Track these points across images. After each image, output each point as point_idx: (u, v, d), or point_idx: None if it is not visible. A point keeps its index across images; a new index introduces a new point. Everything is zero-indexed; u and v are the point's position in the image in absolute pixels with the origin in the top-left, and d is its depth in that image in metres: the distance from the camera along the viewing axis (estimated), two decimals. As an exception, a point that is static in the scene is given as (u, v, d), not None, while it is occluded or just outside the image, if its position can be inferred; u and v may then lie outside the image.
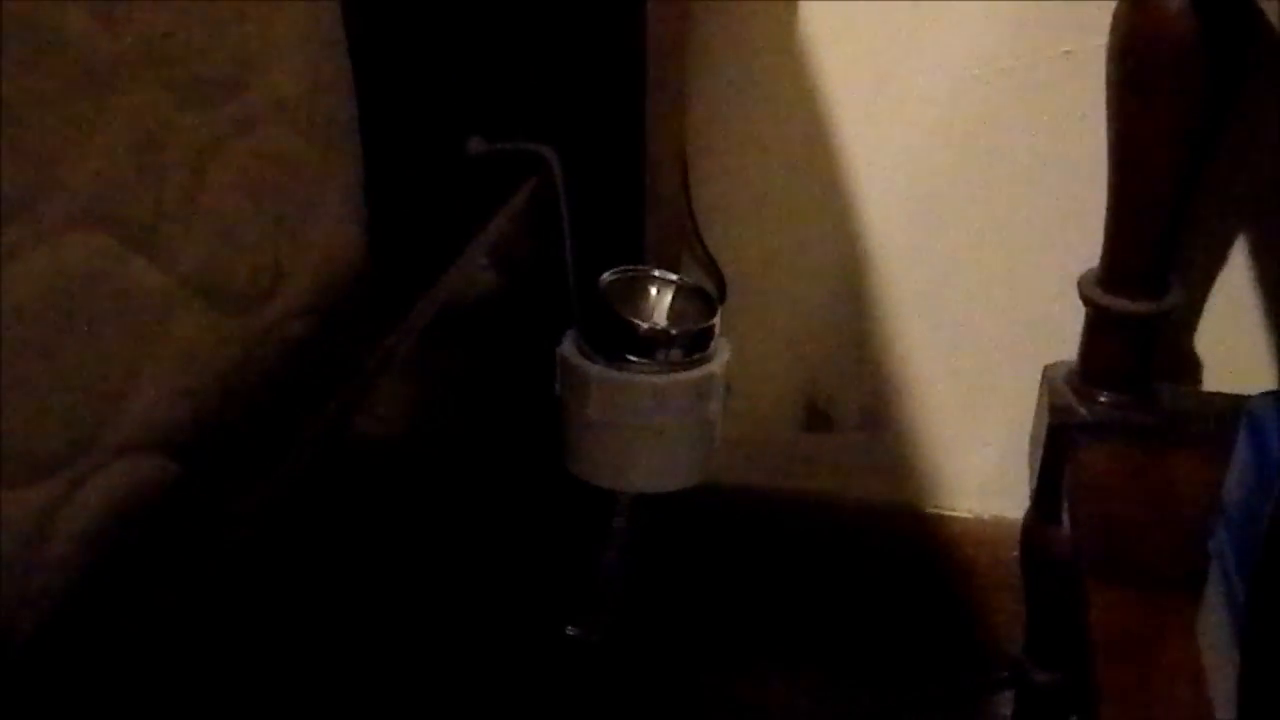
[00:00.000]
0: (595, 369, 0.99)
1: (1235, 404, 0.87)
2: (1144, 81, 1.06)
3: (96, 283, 0.62)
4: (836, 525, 1.40)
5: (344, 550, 0.77)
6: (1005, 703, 1.36)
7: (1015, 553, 1.31)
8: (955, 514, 1.38)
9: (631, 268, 1.03)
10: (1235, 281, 1.23)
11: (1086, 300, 1.16)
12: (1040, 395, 1.23)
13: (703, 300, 1.03)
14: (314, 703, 0.77)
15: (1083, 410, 1.17)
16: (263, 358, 0.74)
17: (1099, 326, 1.17)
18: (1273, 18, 0.81)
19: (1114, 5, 1.07)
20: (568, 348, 1.01)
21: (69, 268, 0.60)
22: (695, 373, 1.00)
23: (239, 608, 0.66)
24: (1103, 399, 1.17)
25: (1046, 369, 1.23)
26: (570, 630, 1.11)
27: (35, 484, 0.59)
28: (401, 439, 0.86)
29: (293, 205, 0.77)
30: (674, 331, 1.00)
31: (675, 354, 0.99)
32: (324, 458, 0.72)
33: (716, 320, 1.02)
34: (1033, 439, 1.25)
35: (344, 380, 0.74)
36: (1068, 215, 1.22)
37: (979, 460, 1.36)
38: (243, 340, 0.72)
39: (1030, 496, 1.25)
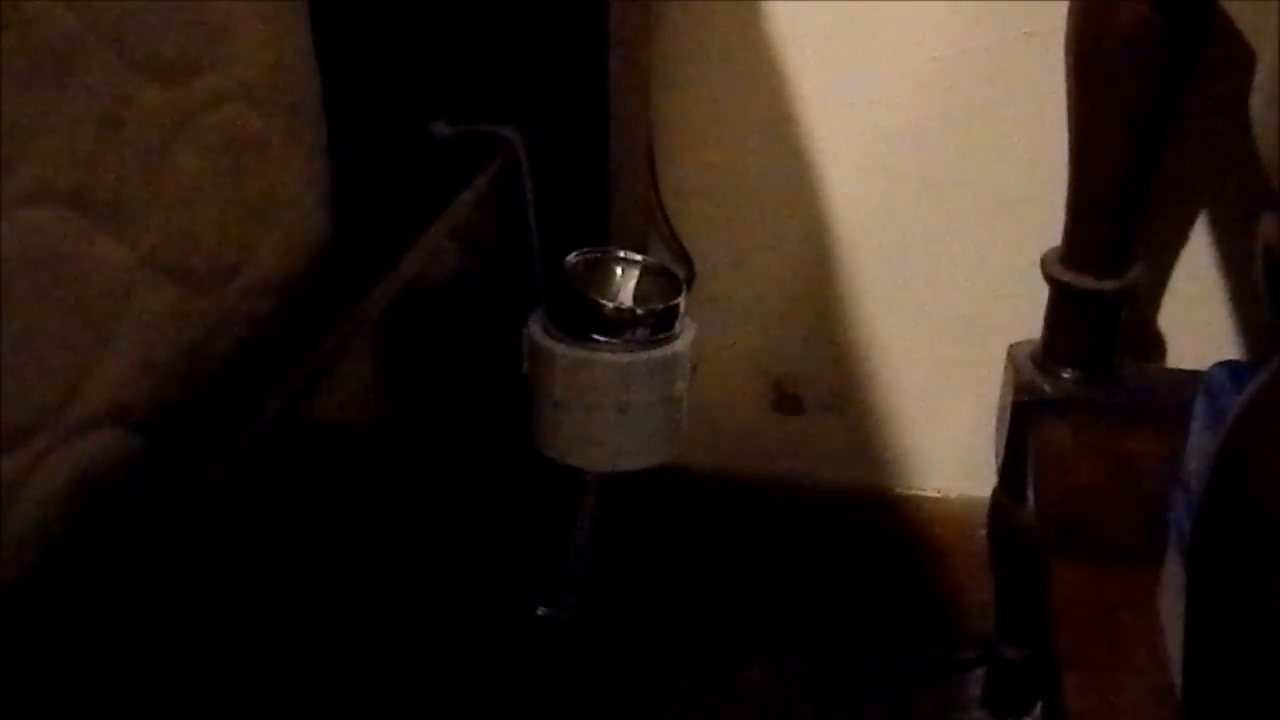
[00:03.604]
0: (561, 349, 0.99)
1: (1197, 379, 0.88)
2: (1102, 60, 1.07)
3: (60, 258, 0.62)
4: (806, 506, 1.40)
5: (307, 527, 0.78)
6: (976, 680, 1.37)
7: (984, 531, 1.32)
8: (924, 494, 1.39)
9: (597, 249, 1.03)
10: (1197, 259, 1.24)
11: (1049, 278, 1.17)
12: (1005, 373, 1.24)
13: (668, 280, 1.04)
14: (277, 680, 0.77)
15: (1047, 387, 1.18)
16: (227, 334, 0.75)
17: (1062, 304, 1.18)
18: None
19: (1073, -14, 1.08)
20: (534, 328, 1.01)
21: (32, 243, 0.61)
22: (661, 352, 1.00)
23: (201, 582, 0.66)
24: (1066, 376, 1.18)
25: (1011, 347, 1.24)
26: (541, 610, 1.12)
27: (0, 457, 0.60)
28: (368, 418, 0.87)
29: (257, 184, 0.78)
30: (639, 311, 1.01)
31: (641, 333, 1.00)
32: (285, 434, 0.72)
33: (682, 300, 1.02)
34: (999, 417, 1.26)
35: (306, 358, 0.75)
36: (1030, 195, 1.23)
37: (947, 440, 1.37)
38: (206, 317, 0.73)
39: (997, 474, 1.26)
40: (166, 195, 0.69)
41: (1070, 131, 1.11)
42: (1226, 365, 0.85)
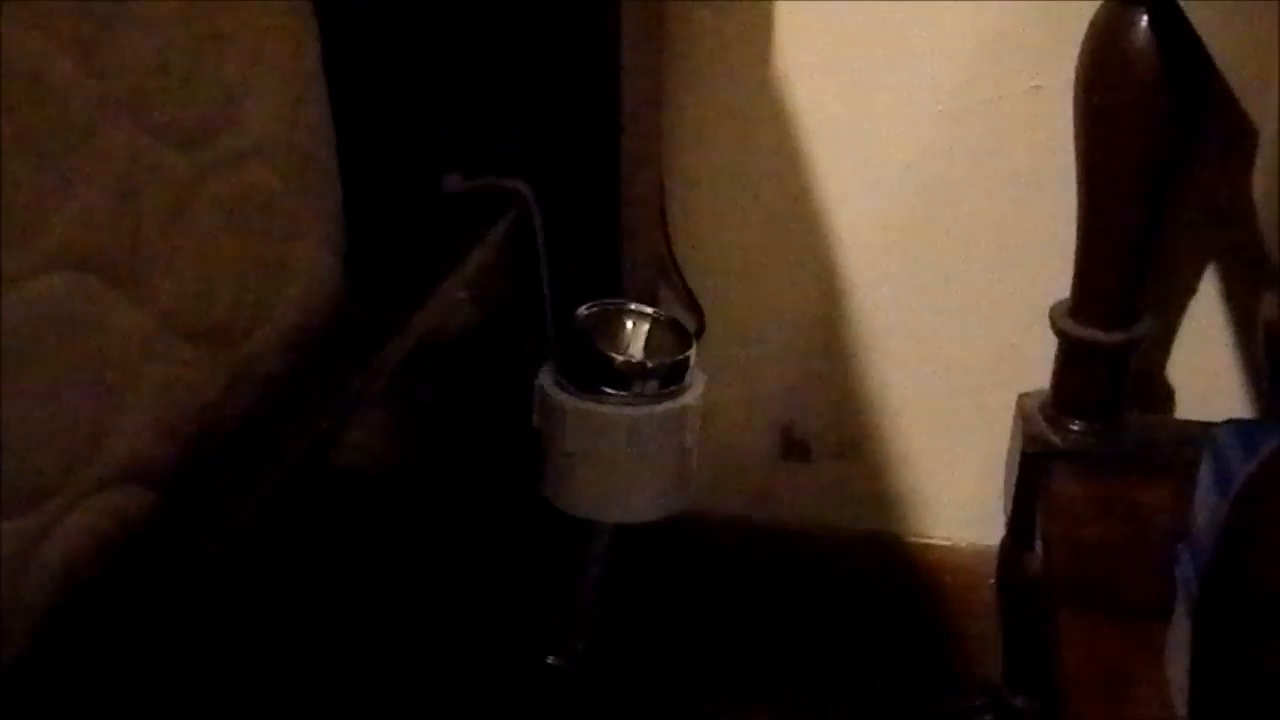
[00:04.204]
0: (572, 401, 1.00)
1: (1205, 432, 0.88)
2: (1110, 114, 1.07)
3: (78, 320, 0.63)
4: (814, 554, 1.41)
5: (323, 580, 0.78)
6: (984, 729, 1.37)
7: (992, 580, 1.32)
8: (932, 542, 1.39)
9: (608, 301, 1.04)
10: (1205, 311, 1.24)
11: (1058, 331, 1.17)
12: (1014, 424, 1.24)
13: (678, 333, 1.05)
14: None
15: (1055, 439, 1.18)
16: (243, 392, 0.76)
17: (1071, 356, 1.18)
18: (1218, 57, 0.82)
19: (1081, 40, 1.09)
20: (545, 380, 1.02)
21: (51, 306, 0.61)
22: (671, 405, 1.01)
23: (219, 637, 0.67)
24: (1075, 427, 1.19)
25: (1020, 398, 1.24)
26: (551, 659, 1.12)
27: (19, 515, 0.60)
28: (381, 470, 0.88)
29: (272, 243, 0.79)
30: (650, 364, 1.01)
31: (651, 386, 1.01)
32: (301, 490, 0.73)
33: (692, 353, 1.03)
34: (1007, 467, 1.26)
35: (322, 414, 0.76)
36: (1039, 247, 1.23)
37: (955, 489, 1.37)
38: (222, 375, 0.74)
39: (1006, 524, 1.26)
40: (182, 256, 0.70)
41: (1079, 185, 1.12)
42: (1233, 425, 0.85)
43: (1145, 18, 1.04)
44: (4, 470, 0.59)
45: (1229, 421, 0.86)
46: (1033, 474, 1.18)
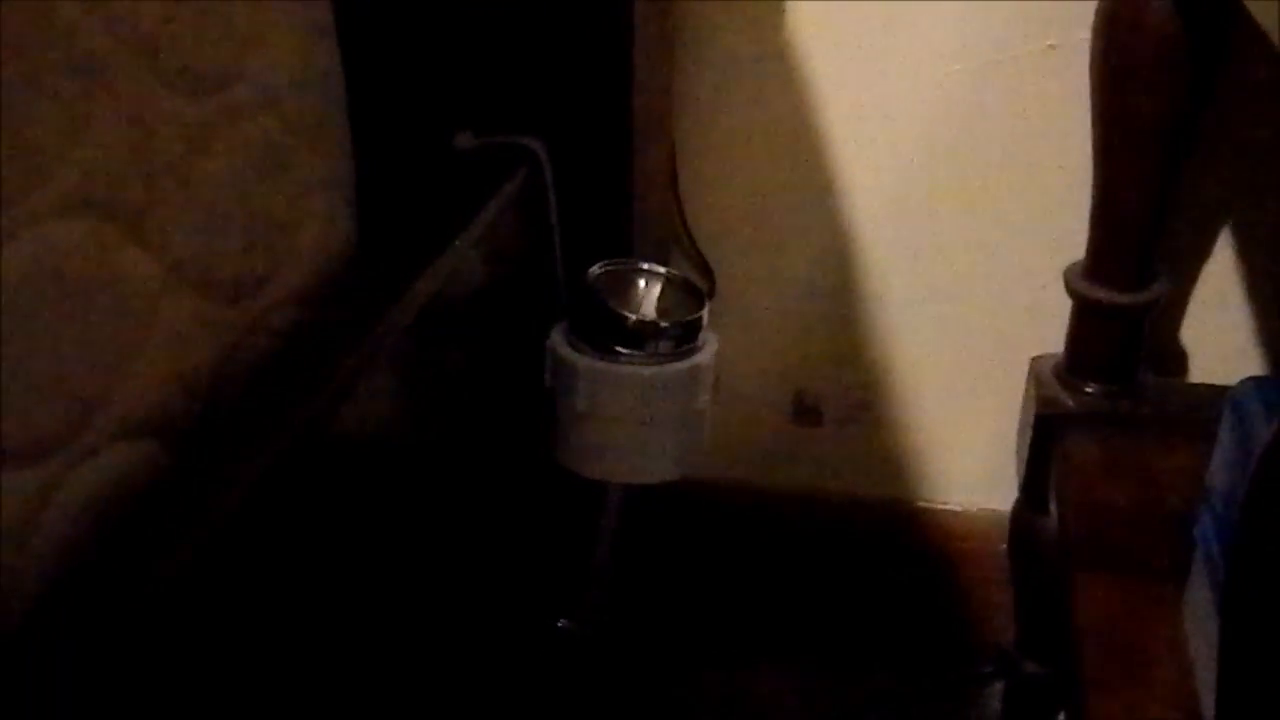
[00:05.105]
0: (584, 361, 0.99)
1: (1220, 394, 0.87)
2: (1126, 74, 1.06)
3: (88, 269, 0.62)
4: (826, 519, 1.40)
5: (331, 540, 0.78)
6: (996, 695, 1.36)
7: (1005, 545, 1.31)
8: (944, 507, 1.39)
9: (620, 260, 1.03)
10: (1221, 273, 1.24)
11: (1073, 292, 1.16)
12: (1027, 387, 1.24)
13: (691, 293, 1.04)
14: (302, 695, 0.77)
15: (1069, 401, 1.18)
16: (253, 346, 0.75)
17: (1085, 318, 1.17)
18: (1255, 11, 0.81)
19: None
20: (557, 339, 1.01)
21: (61, 254, 0.61)
22: (683, 364, 1.00)
23: (226, 594, 0.66)
24: (1089, 390, 1.18)
25: (1034, 361, 1.23)
26: (561, 622, 1.12)
27: (28, 468, 0.60)
28: (391, 430, 0.87)
29: (283, 196, 0.78)
30: (662, 324, 1.00)
31: (664, 346, 1.00)
32: (312, 446, 0.72)
33: (705, 312, 1.02)
34: (1020, 430, 1.26)
35: (333, 369, 0.75)
36: (1053, 208, 1.23)
37: (968, 453, 1.36)
38: (233, 328, 0.73)
39: (1019, 488, 1.25)
40: (194, 207, 0.70)
41: (1094, 146, 1.11)
42: (1254, 382, 0.84)
43: (1162, -26, 1.03)
44: (12, 419, 0.58)
45: (1249, 379, 0.85)
46: (1046, 437, 1.18)
